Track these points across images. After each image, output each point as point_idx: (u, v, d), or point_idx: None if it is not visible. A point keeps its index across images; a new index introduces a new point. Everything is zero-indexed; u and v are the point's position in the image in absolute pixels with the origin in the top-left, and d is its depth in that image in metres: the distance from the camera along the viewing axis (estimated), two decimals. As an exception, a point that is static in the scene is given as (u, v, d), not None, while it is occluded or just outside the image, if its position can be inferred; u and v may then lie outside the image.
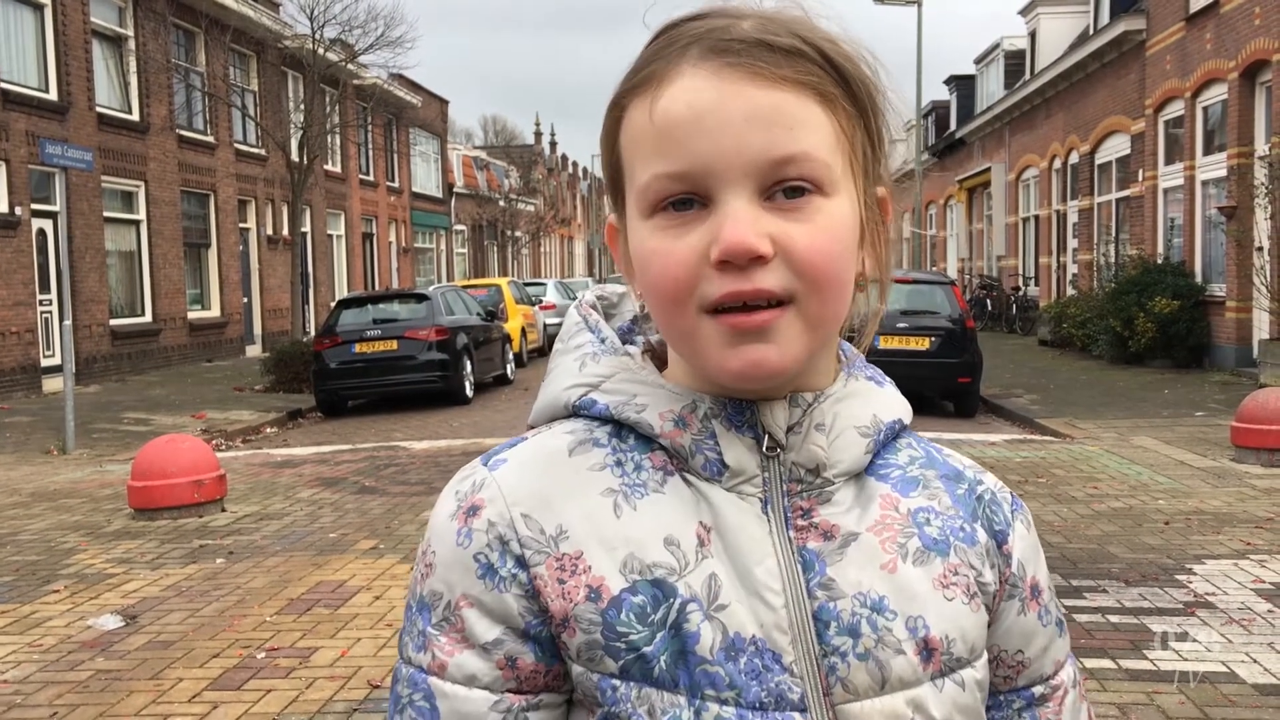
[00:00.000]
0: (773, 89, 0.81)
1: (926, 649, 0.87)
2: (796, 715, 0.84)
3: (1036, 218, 26.67)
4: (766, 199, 0.81)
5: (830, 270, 0.82)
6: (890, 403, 0.95)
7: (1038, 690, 0.97)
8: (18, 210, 16.36)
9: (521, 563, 0.85)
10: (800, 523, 0.88)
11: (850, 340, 0.97)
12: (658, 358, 0.95)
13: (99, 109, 18.95)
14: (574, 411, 0.92)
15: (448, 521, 0.88)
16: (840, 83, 0.84)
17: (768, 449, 0.88)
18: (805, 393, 0.90)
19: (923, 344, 12.50)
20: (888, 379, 0.97)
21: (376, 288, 32.74)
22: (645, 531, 0.86)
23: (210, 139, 23.11)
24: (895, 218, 0.93)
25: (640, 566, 0.85)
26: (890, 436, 0.94)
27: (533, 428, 0.95)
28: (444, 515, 0.89)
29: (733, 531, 0.87)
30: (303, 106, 22.67)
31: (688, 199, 0.82)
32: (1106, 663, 4.69)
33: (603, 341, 0.95)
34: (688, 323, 0.83)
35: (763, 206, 0.81)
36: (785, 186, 0.81)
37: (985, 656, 0.92)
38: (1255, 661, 4.68)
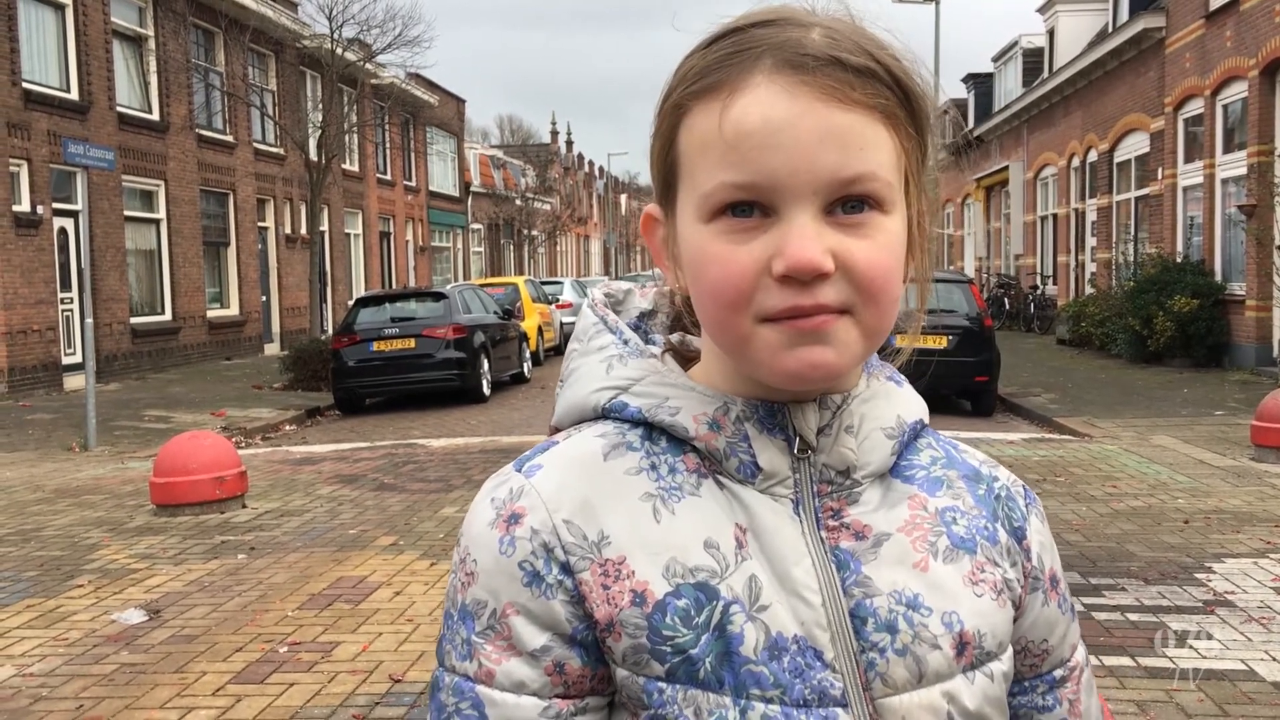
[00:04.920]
0: (846, 110, 0.82)
1: (960, 643, 0.90)
2: (839, 711, 0.85)
3: (1054, 216, 26.57)
4: (827, 213, 0.82)
5: (886, 284, 0.84)
6: (910, 403, 0.97)
7: (1058, 673, 1.01)
8: (39, 209, 16.48)
9: (566, 569, 0.86)
10: (831, 523, 0.90)
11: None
12: (679, 357, 0.96)
13: (119, 108, 19.08)
14: (602, 414, 0.93)
15: (488, 530, 0.88)
16: (904, 104, 0.85)
17: (799, 451, 0.90)
18: (834, 395, 0.91)
19: (940, 342, 12.48)
20: (904, 379, 1.00)
21: (394, 286, 32.83)
22: (686, 535, 0.87)
23: (229, 138, 23.23)
24: (933, 221, 0.95)
25: (683, 570, 0.86)
26: (912, 437, 0.96)
27: (557, 430, 0.96)
28: (482, 523, 0.89)
29: (768, 533, 0.88)
30: (321, 106, 22.78)
31: (749, 206, 0.83)
32: (1125, 660, 4.69)
33: (625, 343, 0.96)
34: (743, 329, 0.84)
35: (824, 221, 0.82)
36: (847, 203, 0.83)
37: (1010, 650, 0.95)
38: (1275, 660, 4.67)
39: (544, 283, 27.95)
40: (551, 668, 0.86)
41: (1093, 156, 23.30)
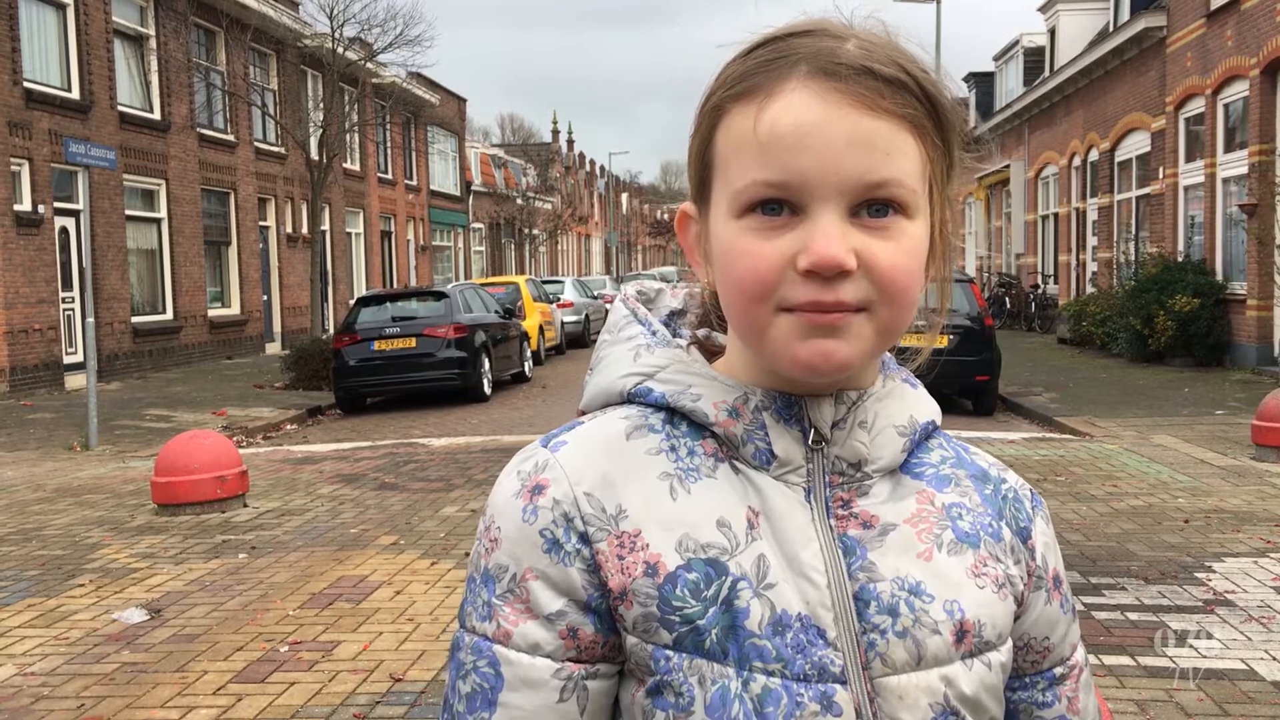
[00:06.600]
0: (875, 117, 0.86)
1: (960, 630, 0.93)
2: (838, 687, 0.89)
3: (1056, 215, 26.58)
4: (853, 215, 0.86)
5: (906, 286, 0.88)
6: (924, 404, 1.02)
7: (1058, 671, 1.04)
8: (40, 208, 16.49)
9: (585, 539, 0.90)
10: (840, 512, 0.94)
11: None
12: (704, 350, 1.01)
13: (120, 108, 19.08)
14: (628, 399, 0.97)
15: (512, 499, 0.93)
16: (932, 115, 0.89)
17: (813, 442, 0.94)
18: (850, 391, 0.95)
19: (941, 341, 12.44)
20: (918, 381, 1.04)
21: (395, 285, 32.84)
22: (699, 514, 0.91)
23: (230, 138, 23.24)
24: (956, 231, 0.98)
25: (695, 546, 0.90)
26: (924, 436, 1.01)
27: (584, 413, 1.00)
28: (508, 493, 0.94)
29: (779, 517, 0.92)
30: (322, 105, 22.79)
31: (779, 205, 0.87)
32: (1125, 660, 4.70)
33: (654, 334, 1.01)
34: (763, 318, 0.88)
35: (850, 222, 0.86)
36: (872, 206, 0.86)
37: (1010, 643, 0.98)
38: (1275, 659, 4.68)
39: (545, 282, 27.92)
40: (566, 632, 0.90)
41: (1094, 156, 23.30)
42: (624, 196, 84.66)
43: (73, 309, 17.36)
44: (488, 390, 16.18)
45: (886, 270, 0.86)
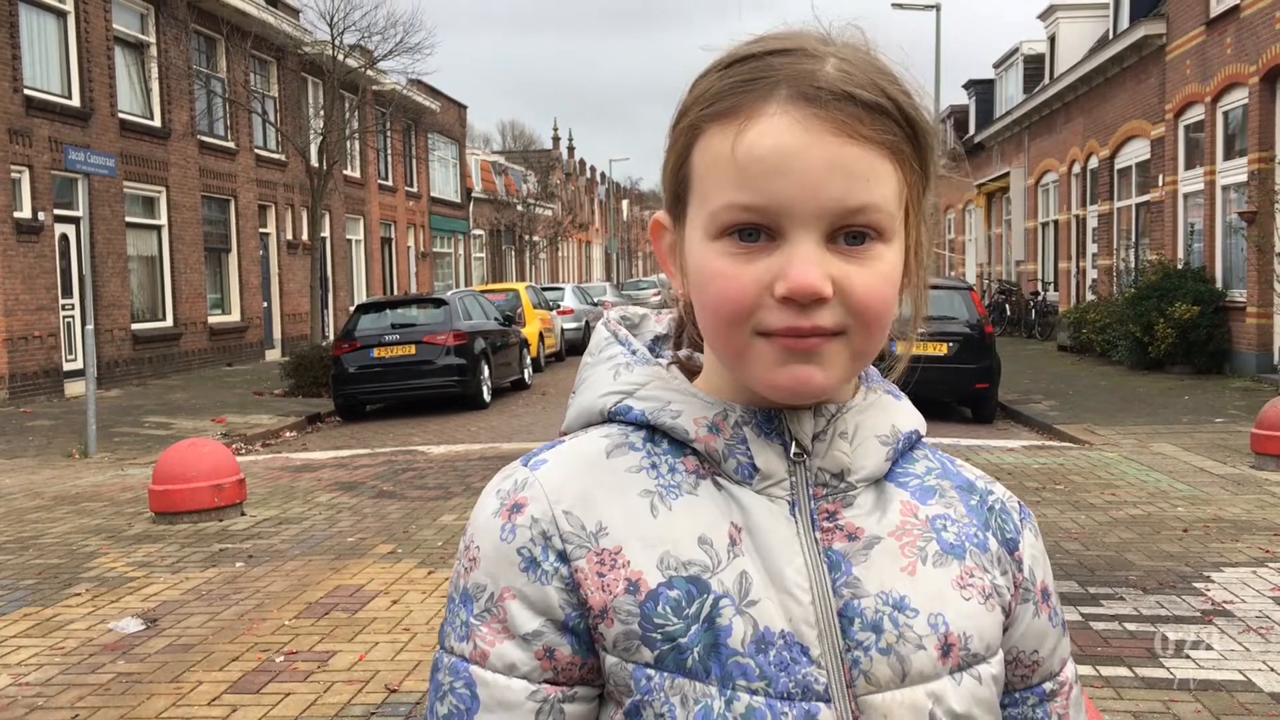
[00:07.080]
0: (854, 143, 0.85)
1: (946, 644, 0.92)
2: (821, 705, 0.88)
3: (1055, 223, 26.59)
4: (829, 241, 0.86)
5: (881, 311, 0.88)
6: (907, 414, 1.01)
7: (1048, 686, 1.03)
8: (40, 215, 16.50)
9: (563, 557, 0.90)
10: (825, 524, 0.94)
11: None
12: (685, 370, 1.00)
13: (121, 115, 19.10)
14: (609, 418, 0.97)
15: (491, 518, 0.93)
16: (911, 139, 0.89)
17: (795, 455, 0.94)
18: (829, 404, 0.95)
19: (940, 349, 12.47)
20: (902, 394, 1.03)
21: (395, 292, 32.84)
22: (681, 531, 0.91)
23: (231, 145, 23.26)
24: (930, 247, 0.97)
25: (676, 563, 0.90)
26: (908, 446, 1.00)
27: (566, 434, 1.00)
28: (487, 512, 0.93)
29: (763, 532, 0.92)
30: (322, 112, 22.81)
31: (756, 230, 0.87)
32: (1123, 670, 4.68)
33: (633, 353, 1.00)
34: (740, 342, 0.88)
35: (826, 248, 0.86)
36: (849, 232, 0.86)
37: (1001, 655, 0.97)
38: (1272, 670, 4.66)
39: (545, 289, 27.95)
40: (542, 652, 0.89)
41: (1094, 163, 23.30)
42: (624, 203, 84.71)
43: (73, 316, 17.36)
44: (487, 397, 16.16)
45: (862, 297, 0.86)
